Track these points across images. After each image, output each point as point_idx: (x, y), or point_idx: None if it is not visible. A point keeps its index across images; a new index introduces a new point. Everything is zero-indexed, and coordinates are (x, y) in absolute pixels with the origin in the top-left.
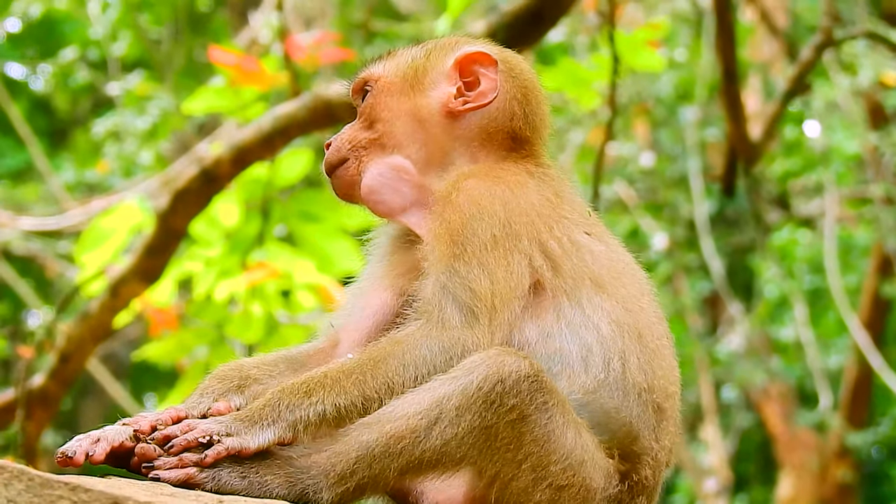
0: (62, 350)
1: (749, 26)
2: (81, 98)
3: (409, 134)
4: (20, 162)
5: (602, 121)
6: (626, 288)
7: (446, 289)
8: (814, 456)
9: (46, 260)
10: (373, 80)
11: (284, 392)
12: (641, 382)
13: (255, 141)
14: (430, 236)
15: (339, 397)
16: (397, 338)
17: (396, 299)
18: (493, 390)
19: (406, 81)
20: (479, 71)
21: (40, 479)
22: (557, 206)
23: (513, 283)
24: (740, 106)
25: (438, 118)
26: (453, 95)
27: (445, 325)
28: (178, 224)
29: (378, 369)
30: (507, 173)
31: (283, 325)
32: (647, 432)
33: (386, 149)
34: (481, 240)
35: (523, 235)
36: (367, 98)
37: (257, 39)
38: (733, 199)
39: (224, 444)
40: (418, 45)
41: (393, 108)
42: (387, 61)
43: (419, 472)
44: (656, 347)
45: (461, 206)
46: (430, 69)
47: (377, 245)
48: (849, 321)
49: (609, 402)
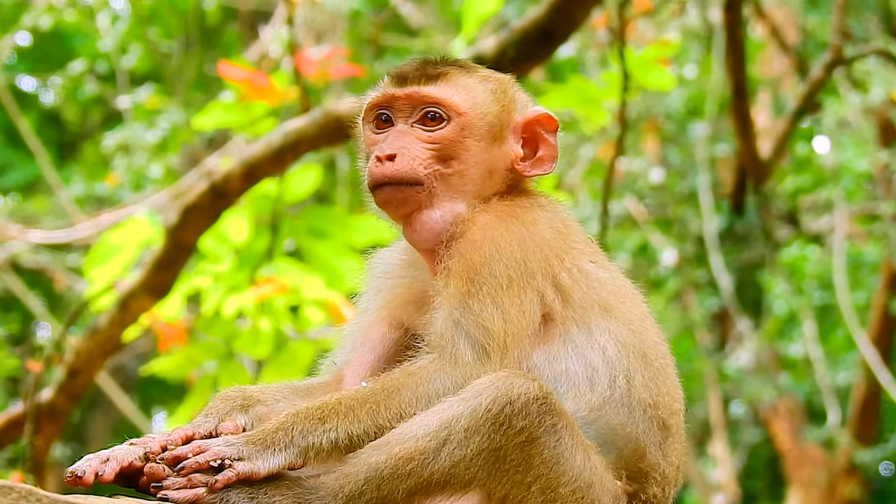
0: (71, 364)
1: (759, 42)
2: (91, 111)
3: (478, 181)
4: (30, 174)
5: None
6: (631, 311)
7: (459, 325)
8: (822, 472)
9: (55, 273)
10: (453, 111)
11: (298, 417)
12: (646, 399)
13: (264, 156)
14: (447, 272)
15: (353, 426)
16: (410, 370)
17: (396, 332)
18: (501, 412)
19: (488, 129)
20: (542, 135)
21: (48, 500)
22: (567, 238)
23: (525, 321)
24: (750, 122)
25: (503, 172)
26: (521, 157)
27: (458, 361)
28: (187, 239)
29: (391, 400)
30: (522, 210)
31: (291, 340)
32: (653, 448)
33: (454, 189)
34: (498, 280)
35: (537, 273)
36: (447, 130)
37: (268, 54)
38: (743, 216)
39: (235, 469)
40: (473, 73)
41: (473, 153)
42: (456, 90)
43: (428, 494)
44: (660, 366)
45: (480, 245)
46: (503, 121)
47: (375, 275)
48: (857, 338)
49: (615, 418)
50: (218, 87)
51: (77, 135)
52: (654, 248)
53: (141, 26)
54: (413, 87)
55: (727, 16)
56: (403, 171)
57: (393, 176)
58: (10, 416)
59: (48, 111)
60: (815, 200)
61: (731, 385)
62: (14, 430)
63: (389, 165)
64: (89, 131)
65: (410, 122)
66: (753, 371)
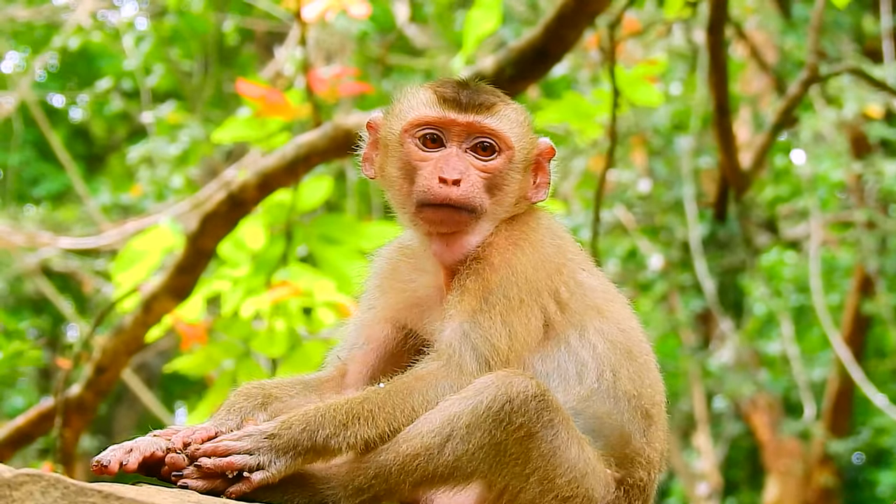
0: (98, 362)
1: (740, 62)
2: (117, 126)
3: (509, 209)
4: (60, 185)
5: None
6: (618, 313)
7: (468, 337)
8: (798, 462)
9: (84, 277)
10: (504, 144)
11: (325, 419)
12: (631, 390)
13: (279, 168)
14: (461, 289)
15: (371, 430)
16: (420, 374)
17: (399, 333)
18: (501, 409)
19: (524, 162)
20: (544, 164)
21: (75, 488)
22: (564, 251)
23: (529, 337)
24: (732, 137)
25: (523, 200)
26: (532, 185)
27: (462, 370)
28: (206, 245)
29: (406, 403)
30: (531, 230)
31: (304, 340)
32: (638, 435)
33: (492, 216)
34: (511, 302)
35: (543, 290)
36: (498, 162)
37: (282, 72)
38: (725, 224)
39: (252, 480)
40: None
41: (512, 184)
42: (506, 123)
43: (432, 486)
44: (644, 362)
45: (497, 267)
46: (531, 154)
47: (378, 273)
48: (832, 337)
49: (601, 408)
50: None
51: (104, 148)
52: (643, 254)
53: (163, 47)
54: (472, 115)
55: (710, 37)
56: (468, 197)
57: (458, 200)
58: (41, 410)
59: (76, 126)
60: (792, 209)
61: (713, 381)
62: (45, 423)
63: (455, 189)
64: (115, 145)
65: (465, 148)
66: (734, 368)
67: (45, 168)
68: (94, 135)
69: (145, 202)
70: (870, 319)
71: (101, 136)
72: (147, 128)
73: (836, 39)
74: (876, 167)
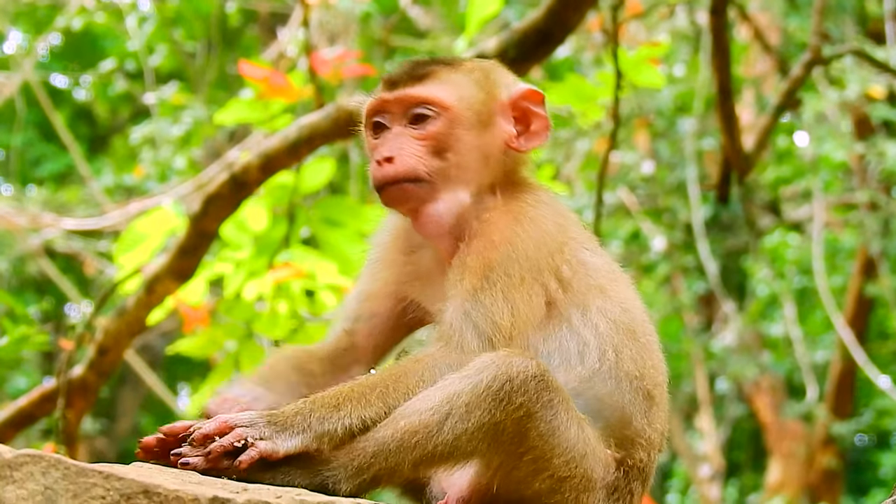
0: (100, 343)
1: (743, 44)
2: (120, 107)
3: (476, 168)
4: (63, 166)
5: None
6: (622, 292)
7: (469, 316)
8: (801, 444)
9: (87, 258)
10: (440, 106)
11: (315, 403)
12: (633, 371)
13: (281, 149)
14: (462, 267)
15: (365, 410)
16: (418, 357)
17: (400, 304)
18: (501, 389)
19: (476, 117)
20: (530, 109)
21: (76, 468)
22: (566, 229)
23: (532, 315)
24: (735, 119)
25: (499, 155)
26: (514, 135)
27: (464, 349)
28: (209, 227)
29: (399, 383)
30: (531, 208)
31: (307, 322)
32: (639, 416)
33: (454, 180)
34: (512, 280)
35: (545, 268)
36: (437, 126)
37: (285, 54)
38: (728, 205)
39: (258, 447)
40: (459, 67)
41: (465, 142)
42: (441, 86)
43: (431, 464)
44: (646, 342)
45: (497, 244)
46: (490, 105)
47: (382, 244)
48: (834, 319)
49: (602, 388)
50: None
51: (107, 129)
52: (646, 236)
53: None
54: (401, 89)
55: (713, 19)
56: (402, 170)
57: (394, 177)
58: (43, 391)
59: (80, 107)
60: (795, 191)
61: (716, 363)
62: (47, 405)
63: (389, 167)
64: (118, 126)
65: (404, 124)
66: (737, 350)
67: (48, 149)
68: (98, 116)
69: (148, 183)
70: (873, 301)
71: (104, 118)
72: (150, 109)
73: (839, 21)
74: (879, 148)
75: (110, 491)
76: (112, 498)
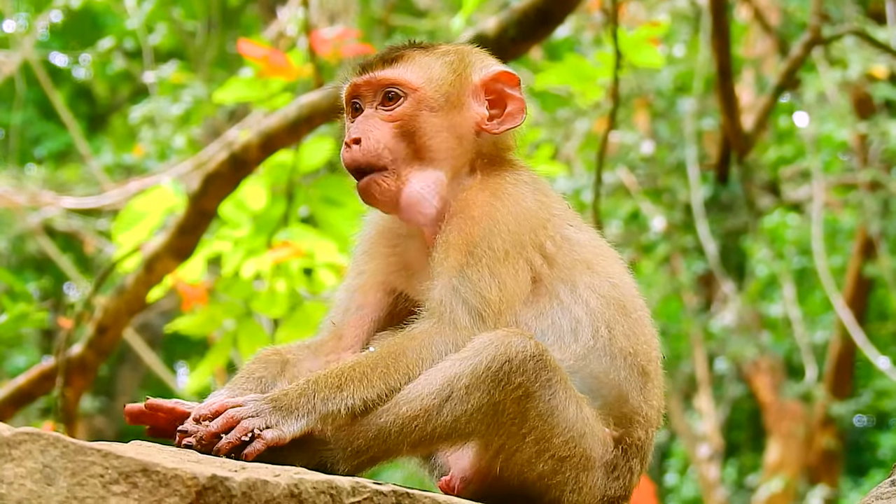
0: (99, 321)
1: (743, 24)
2: (119, 86)
3: (446, 149)
4: (62, 145)
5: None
6: (610, 267)
7: (458, 292)
8: (800, 424)
9: (86, 237)
10: (407, 87)
11: (318, 384)
12: (627, 347)
13: (281, 128)
14: (445, 245)
15: (367, 391)
16: (412, 334)
17: (390, 296)
18: (500, 369)
19: (444, 98)
20: (505, 91)
21: (74, 446)
22: (549, 207)
23: (518, 288)
24: (734, 99)
25: (471, 136)
26: (486, 117)
27: (456, 325)
28: (208, 206)
29: (399, 363)
30: (511, 186)
31: (305, 300)
32: (635, 393)
33: (423, 162)
34: (496, 253)
35: (528, 244)
36: (404, 106)
37: (284, 33)
38: (727, 186)
39: (265, 438)
40: (433, 50)
41: (434, 124)
42: (410, 68)
43: (430, 446)
44: (638, 318)
45: (478, 220)
46: (461, 87)
47: (366, 238)
48: (834, 299)
49: (598, 366)
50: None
51: (106, 108)
52: (645, 216)
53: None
54: (372, 72)
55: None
56: (368, 153)
57: (360, 159)
58: (42, 369)
59: (79, 85)
60: (794, 171)
61: (715, 343)
62: (46, 383)
63: (356, 149)
64: (118, 105)
65: (375, 106)
66: (737, 330)
67: (48, 128)
68: (97, 94)
69: (147, 162)
70: (872, 282)
71: (104, 96)
72: (150, 88)
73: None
74: (880, 128)
75: (109, 469)
76: (111, 476)
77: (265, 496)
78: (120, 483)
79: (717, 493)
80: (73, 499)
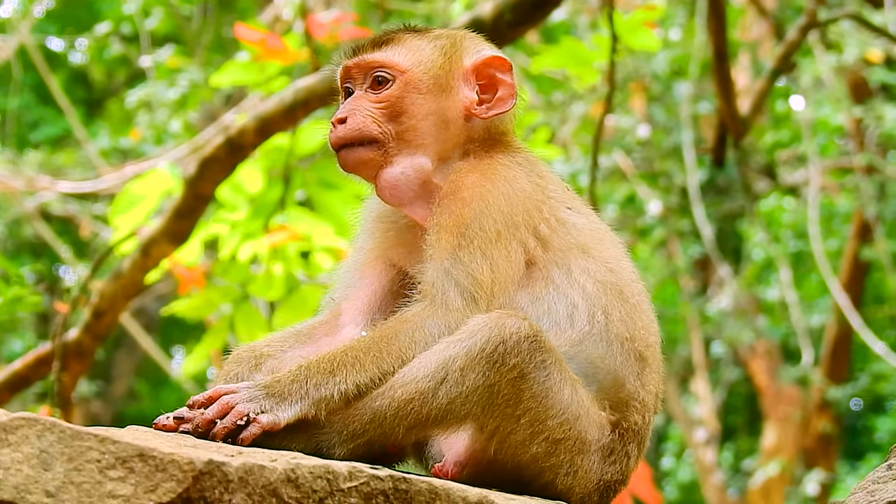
0: (96, 306)
1: (739, 8)
2: (116, 70)
3: (434, 133)
4: (59, 129)
5: (601, 95)
6: (607, 252)
7: (450, 274)
8: (797, 408)
9: (82, 221)
10: (396, 70)
11: (311, 370)
12: (623, 333)
13: (277, 112)
14: (436, 227)
15: (360, 375)
16: (405, 317)
17: (390, 271)
18: (495, 351)
19: (433, 81)
20: (496, 76)
21: (71, 431)
22: (544, 189)
23: (511, 270)
24: (730, 83)
25: (460, 120)
26: (476, 101)
27: (448, 307)
28: (205, 189)
29: (392, 346)
30: (504, 167)
31: (302, 283)
32: (632, 378)
33: (410, 144)
34: (487, 234)
35: (521, 225)
36: (392, 88)
37: (281, 17)
38: (723, 169)
39: (260, 422)
40: (425, 34)
41: (421, 107)
42: (400, 51)
43: (426, 429)
44: (636, 303)
45: (470, 202)
46: (451, 71)
47: (367, 218)
48: (830, 283)
49: (594, 351)
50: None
51: (103, 92)
52: (641, 200)
53: None
54: (362, 55)
55: None
56: (354, 129)
57: (346, 136)
58: (38, 354)
59: (76, 70)
60: (791, 155)
61: (712, 327)
62: (43, 368)
63: (341, 128)
64: (114, 89)
65: (365, 88)
66: (733, 314)
67: (45, 112)
68: (94, 79)
69: (144, 146)
70: (868, 265)
71: (101, 81)
72: (146, 72)
73: None
74: (876, 111)
75: (105, 454)
76: (107, 461)
77: (262, 481)
78: (117, 468)
79: (714, 477)
80: (69, 484)
